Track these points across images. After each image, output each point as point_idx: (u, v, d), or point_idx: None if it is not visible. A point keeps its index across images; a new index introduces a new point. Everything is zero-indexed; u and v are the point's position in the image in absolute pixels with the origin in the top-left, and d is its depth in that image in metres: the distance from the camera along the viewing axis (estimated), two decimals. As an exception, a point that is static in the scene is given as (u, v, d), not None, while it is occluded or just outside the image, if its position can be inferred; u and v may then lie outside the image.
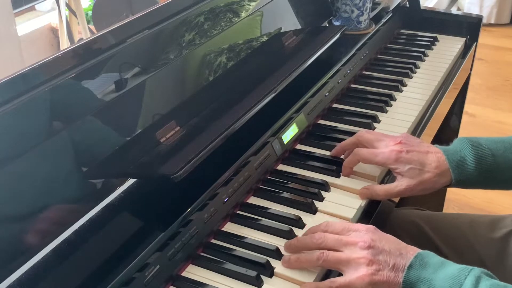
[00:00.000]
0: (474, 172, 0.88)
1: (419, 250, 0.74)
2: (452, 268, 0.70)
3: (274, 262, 0.78)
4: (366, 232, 0.75)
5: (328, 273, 0.79)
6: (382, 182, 0.97)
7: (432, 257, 0.72)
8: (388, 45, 1.42)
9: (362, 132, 0.96)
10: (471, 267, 0.70)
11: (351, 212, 0.87)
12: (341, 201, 0.90)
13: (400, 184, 0.89)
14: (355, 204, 0.89)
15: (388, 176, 0.98)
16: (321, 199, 0.90)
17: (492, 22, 3.39)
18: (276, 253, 0.79)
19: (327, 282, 0.74)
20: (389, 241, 0.74)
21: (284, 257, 0.78)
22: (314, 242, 0.77)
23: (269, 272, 0.77)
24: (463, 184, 0.90)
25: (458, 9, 3.54)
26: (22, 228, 0.68)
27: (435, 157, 0.88)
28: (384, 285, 0.71)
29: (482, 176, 0.88)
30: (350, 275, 0.72)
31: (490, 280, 0.69)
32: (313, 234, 0.78)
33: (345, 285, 0.72)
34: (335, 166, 0.96)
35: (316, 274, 0.77)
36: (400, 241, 0.76)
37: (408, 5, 1.51)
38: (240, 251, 0.80)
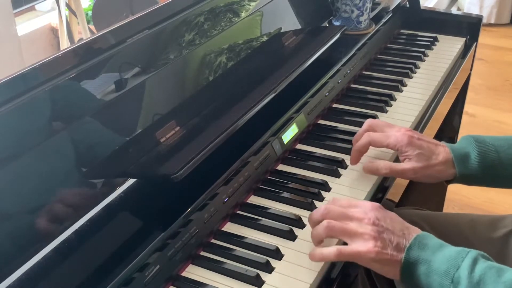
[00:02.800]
0: (478, 167, 0.89)
1: (420, 232, 0.75)
2: (450, 250, 0.72)
3: (274, 262, 0.78)
4: (371, 210, 0.77)
5: (332, 268, 0.79)
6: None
7: (431, 239, 0.74)
8: (388, 45, 1.43)
9: (371, 119, 0.98)
10: (468, 249, 0.72)
11: (351, 212, 0.87)
12: (341, 201, 0.90)
13: (406, 164, 0.90)
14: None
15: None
16: (321, 199, 0.90)
17: (492, 22, 3.39)
18: (276, 253, 0.79)
19: (334, 249, 0.75)
20: (392, 220, 0.76)
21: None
22: (320, 213, 0.79)
23: (269, 271, 0.77)
24: (467, 180, 0.91)
25: (458, 9, 3.53)
26: (22, 228, 0.68)
27: (443, 149, 0.91)
28: (387, 262, 0.73)
29: (485, 172, 0.90)
30: (358, 246, 0.74)
31: (486, 262, 0.70)
32: (320, 207, 0.80)
33: (353, 253, 0.74)
34: (335, 166, 0.97)
35: (316, 273, 0.77)
36: (403, 220, 0.77)
37: (408, 5, 1.51)
38: (240, 251, 0.80)
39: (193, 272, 0.77)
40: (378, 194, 0.95)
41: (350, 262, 0.76)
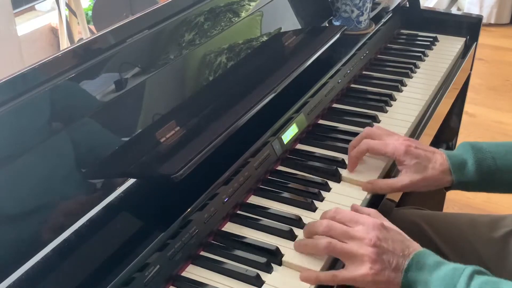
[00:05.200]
0: (475, 174, 0.89)
1: (419, 250, 0.75)
2: (447, 268, 0.71)
3: (274, 262, 0.78)
4: (373, 229, 0.76)
5: (332, 268, 0.79)
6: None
7: (428, 257, 0.73)
8: (388, 45, 1.42)
9: (370, 128, 0.99)
10: (464, 266, 0.71)
11: (351, 212, 0.87)
12: (341, 201, 0.90)
13: (403, 179, 0.91)
14: (356, 204, 0.89)
15: (390, 175, 0.98)
16: (321, 199, 0.90)
17: (492, 22, 3.39)
18: (276, 253, 0.79)
19: (330, 274, 0.75)
20: (394, 239, 0.75)
21: (296, 241, 0.81)
22: (322, 230, 0.78)
23: (269, 271, 0.77)
24: (464, 187, 0.92)
25: (458, 9, 3.53)
26: (22, 228, 0.68)
27: (440, 157, 0.91)
28: (385, 284, 0.73)
29: (482, 178, 0.90)
30: (353, 270, 0.74)
31: (482, 277, 0.70)
32: (322, 221, 0.79)
33: (348, 279, 0.74)
34: (335, 166, 0.96)
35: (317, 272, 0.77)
36: (405, 237, 0.77)
37: (408, 5, 1.51)
38: (240, 251, 0.80)
39: (193, 272, 0.77)
40: (378, 195, 0.95)
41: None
